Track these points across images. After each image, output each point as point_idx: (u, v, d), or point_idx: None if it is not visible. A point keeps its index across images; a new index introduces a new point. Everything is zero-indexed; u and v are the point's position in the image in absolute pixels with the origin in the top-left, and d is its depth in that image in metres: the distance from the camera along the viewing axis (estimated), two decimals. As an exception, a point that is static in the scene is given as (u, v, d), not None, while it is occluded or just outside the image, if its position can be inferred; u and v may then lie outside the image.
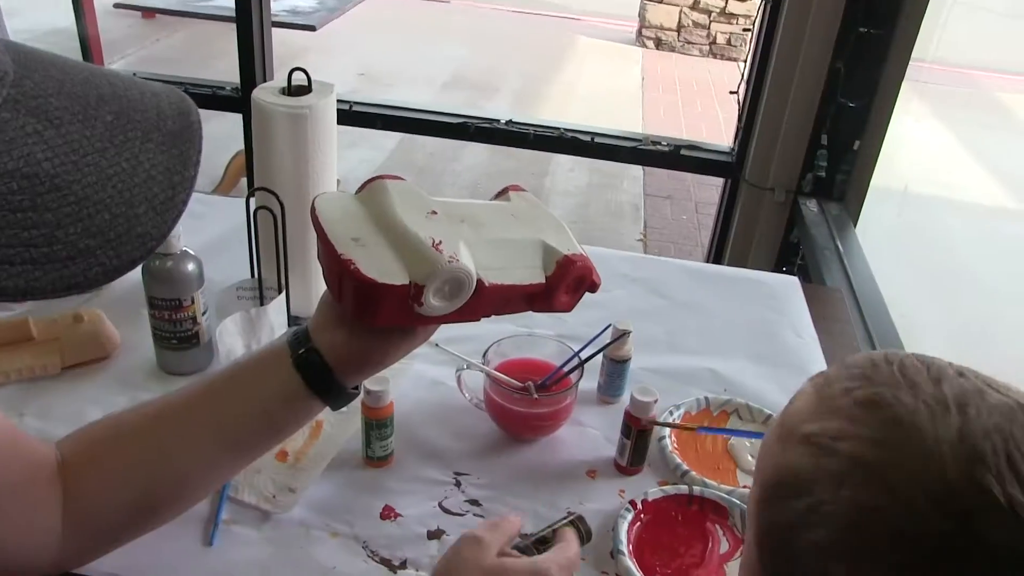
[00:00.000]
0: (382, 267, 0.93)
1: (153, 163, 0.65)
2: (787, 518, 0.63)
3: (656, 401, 1.35)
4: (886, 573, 0.57)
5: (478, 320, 1.03)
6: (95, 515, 1.00)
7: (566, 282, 1.06)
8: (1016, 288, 2.59)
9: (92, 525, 1.01)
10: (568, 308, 1.10)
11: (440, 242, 0.95)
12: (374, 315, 0.95)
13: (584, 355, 1.44)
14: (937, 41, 3.14)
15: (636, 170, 6.55)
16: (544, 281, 1.05)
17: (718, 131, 7.36)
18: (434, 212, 1.01)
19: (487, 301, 1.00)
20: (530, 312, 1.07)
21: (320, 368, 1.00)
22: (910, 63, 2.78)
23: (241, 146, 4.10)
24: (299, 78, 1.52)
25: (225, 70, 5.47)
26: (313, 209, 0.98)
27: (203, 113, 0.72)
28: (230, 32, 3.23)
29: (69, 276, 0.59)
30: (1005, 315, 2.54)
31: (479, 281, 0.97)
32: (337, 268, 0.94)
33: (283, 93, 1.52)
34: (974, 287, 2.76)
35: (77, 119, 0.62)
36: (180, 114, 0.70)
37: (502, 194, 1.16)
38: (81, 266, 0.60)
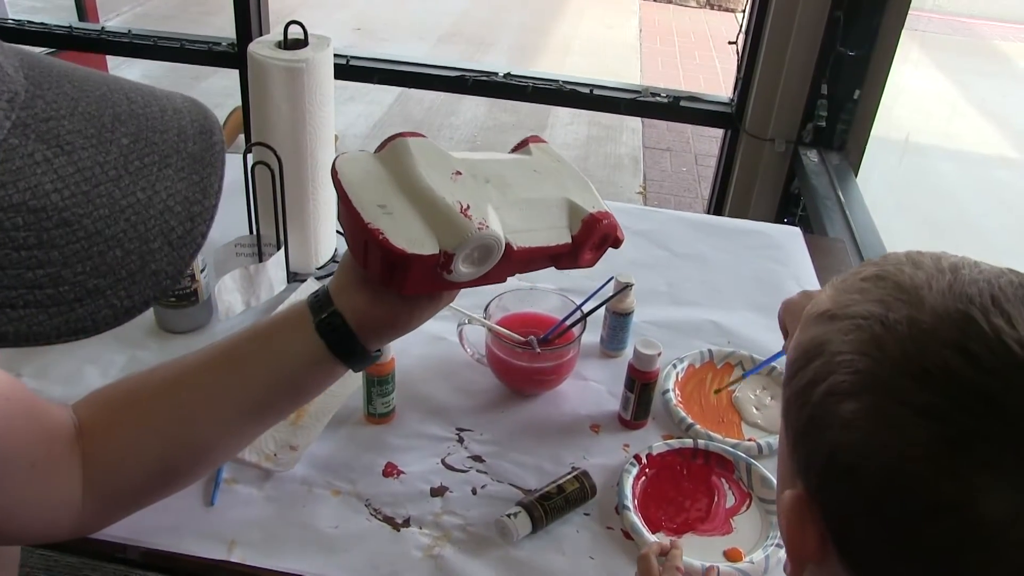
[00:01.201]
0: (410, 236, 0.91)
1: (171, 192, 0.60)
2: (805, 380, 0.68)
3: (660, 354, 1.34)
4: (894, 402, 0.61)
5: (504, 281, 1.02)
6: (114, 482, 0.99)
7: (591, 240, 1.04)
8: (1016, 238, 2.58)
9: (111, 491, 0.99)
10: (591, 264, 1.08)
11: (468, 207, 0.93)
12: (402, 284, 0.93)
13: (586, 308, 1.43)
14: (937, -12, 3.12)
15: (635, 123, 6.53)
16: (570, 241, 1.03)
17: (716, 82, 7.33)
18: (458, 172, 0.98)
19: (514, 263, 0.99)
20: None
21: (343, 332, 0.99)
22: (909, 12, 2.75)
23: (238, 102, 4.08)
24: (295, 32, 1.51)
25: (221, 27, 5.40)
26: (335, 172, 0.95)
27: (200, 70, 0.70)
28: (225, -12, 3.21)
29: (76, 320, 0.55)
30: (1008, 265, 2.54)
31: (507, 245, 0.96)
32: (363, 236, 0.91)
33: (279, 47, 1.50)
34: (975, 237, 2.75)
35: (91, 143, 0.57)
36: (202, 133, 0.65)
37: (521, 146, 1.13)
38: (89, 308, 0.55)
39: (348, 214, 0.93)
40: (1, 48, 0.56)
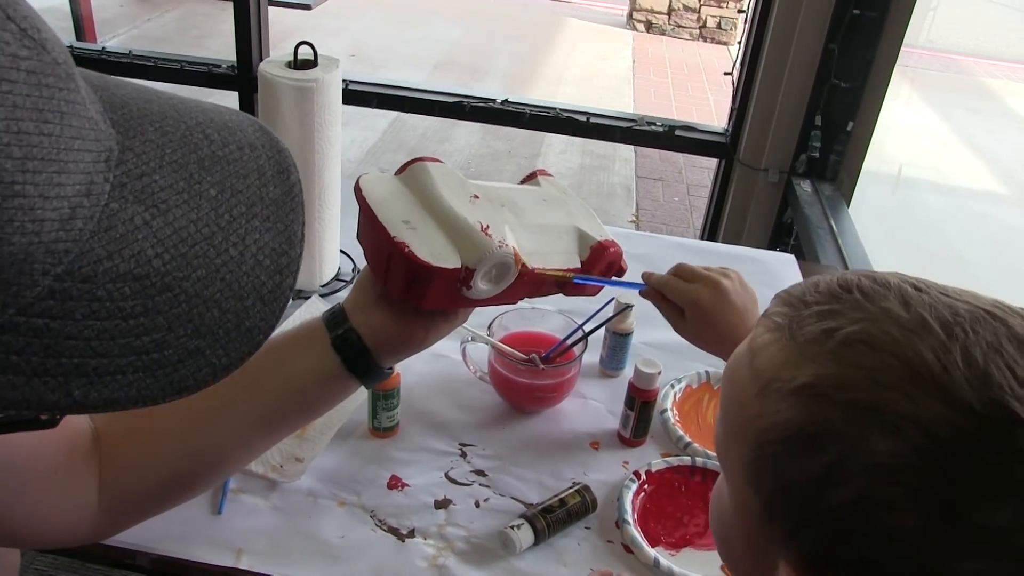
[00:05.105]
0: (434, 250, 0.94)
1: (260, 245, 0.59)
2: (809, 475, 0.61)
3: (660, 373, 1.36)
4: (932, 510, 0.56)
5: (515, 303, 1.06)
6: (128, 488, 1.00)
7: (599, 267, 1.09)
8: (1001, 271, 2.61)
9: (124, 498, 1.01)
10: (595, 292, 1.14)
11: (488, 227, 0.97)
12: (422, 297, 0.96)
13: (587, 328, 1.45)
14: (928, 26, 3.16)
15: (628, 152, 6.56)
16: (580, 266, 1.08)
17: (709, 114, 7.37)
18: (476, 196, 1.02)
19: (526, 285, 1.03)
20: None
21: (358, 348, 1.00)
22: (901, 49, 2.79)
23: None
24: (305, 52, 1.53)
25: (217, 50, 5.43)
26: (359, 190, 0.99)
27: (199, 91, 0.69)
28: (221, 12, 3.24)
29: (179, 380, 0.55)
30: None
31: (523, 265, 1.00)
32: (387, 250, 0.94)
33: (289, 67, 1.53)
34: (962, 269, 2.78)
35: (182, 199, 0.56)
36: (279, 173, 0.63)
37: (530, 178, 1.18)
38: (191, 368, 0.55)
39: (373, 229, 0.96)
40: (86, 80, 0.54)
